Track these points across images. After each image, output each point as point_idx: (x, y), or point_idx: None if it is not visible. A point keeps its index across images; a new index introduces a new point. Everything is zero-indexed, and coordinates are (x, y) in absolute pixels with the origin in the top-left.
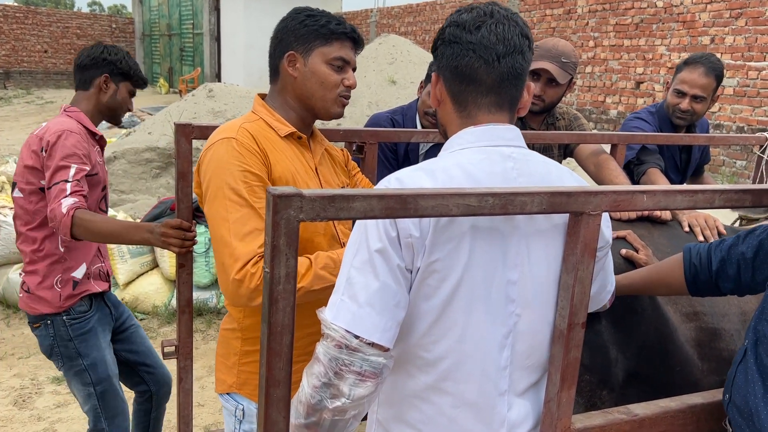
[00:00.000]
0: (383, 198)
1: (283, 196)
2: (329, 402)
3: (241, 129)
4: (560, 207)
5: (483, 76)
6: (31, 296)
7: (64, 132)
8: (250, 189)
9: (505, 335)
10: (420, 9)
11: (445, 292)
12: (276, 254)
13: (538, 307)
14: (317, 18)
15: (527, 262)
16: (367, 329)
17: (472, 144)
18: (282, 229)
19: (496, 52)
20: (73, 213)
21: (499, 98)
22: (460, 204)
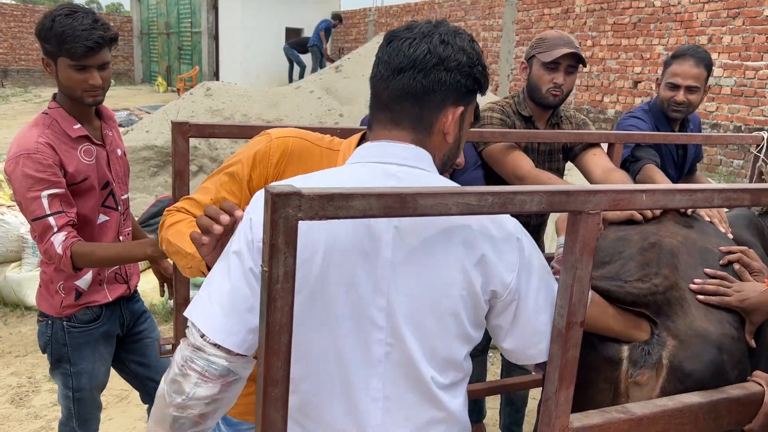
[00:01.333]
0: (382, 197)
1: (282, 194)
2: (171, 397)
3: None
4: (559, 206)
5: (381, 90)
6: (41, 294)
7: (21, 158)
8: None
9: (372, 363)
10: (418, 8)
11: (298, 306)
12: (274, 253)
13: (419, 340)
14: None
15: (403, 292)
16: (212, 329)
17: (362, 159)
18: (280, 228)
19: (392, 66)
20: (69, 252)
21: (394, 115)
22: (459, 203)
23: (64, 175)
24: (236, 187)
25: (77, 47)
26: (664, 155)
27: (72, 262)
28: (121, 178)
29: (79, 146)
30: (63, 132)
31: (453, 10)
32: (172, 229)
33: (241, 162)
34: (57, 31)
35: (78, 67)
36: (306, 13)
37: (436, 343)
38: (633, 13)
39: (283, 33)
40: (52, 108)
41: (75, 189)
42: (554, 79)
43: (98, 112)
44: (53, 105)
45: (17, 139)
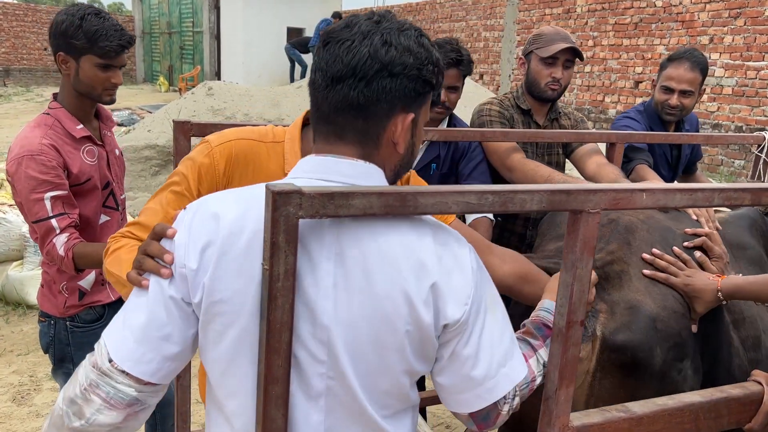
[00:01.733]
0: (382, 195)
1: (283, 192)
2: (68, 420)
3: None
4: (559, 205)
5: (320, 101)
6: (43, 292)
7: (24, 159)
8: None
9: (312, 397)
10: (419, 8)
11: (230, 340)
12: (275, 251)
13: (360, 374)
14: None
15: (343, 325)
16: (122, 355)
17: (305, 173)
18: (281, 226)
19: (330, 74)
20: (71, 254)
21: (336, 128)
22: (459, 201)
23: (68, 177)
24: (185, 203)
25: (110, 45)
26: (658, 156)
27: (74, 264)
28: (120, 178)
29: (82, 147)
30: (66, 132)
31: (454, 10)
32: (112, 257)
33: (186, 178)
34: (88, 29)
35: (104, 66)
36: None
37: (378, 377)
38: (634, 13)
39: (285, 32)
40: (53, 108)
41: (78, 190)
42: (552, 74)
43: (96, 112)
44: (55, 105)
45: (20, 139)
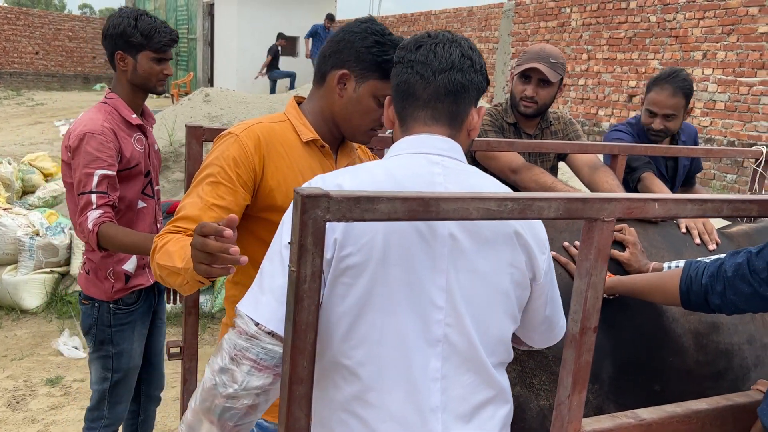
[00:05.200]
0: (407, 200)
1: (311, 196)
2: (222, 388)
3: (249, 129)
4: (576, 213)
5: (419, 90)
6: (89, 279)
7: (86, 135)
8: (215, 185)
9: (431, 343)
10: (414, 19)
11: (360, 290)
12: (303, 253)
13: (475, 319)
14: (385, 49)
15: (460, 270)
16: (266, 317)
17: (403, 151)
18: (309, 229)
19: (432, 68)
20: (97, 229)
21: (434, 112)
22: (480, 208)
23: (120, 161)
24: (223, 190)
25: (164, 40)
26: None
27: (97, 240)
28: (157, 171)
29: (134, 134)
30: (122, 120)
31: (449, 21)
32: (160, 252)
33: (221, 167)
34: (144, 28)
35: (158, 59)
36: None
37: (490, 322)
38: (628, 28)
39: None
40: (110, 98)
41: (127, 174)
42: (525, 91)
43: (142, 110)
44: (112, 96)
45: (83, 120)
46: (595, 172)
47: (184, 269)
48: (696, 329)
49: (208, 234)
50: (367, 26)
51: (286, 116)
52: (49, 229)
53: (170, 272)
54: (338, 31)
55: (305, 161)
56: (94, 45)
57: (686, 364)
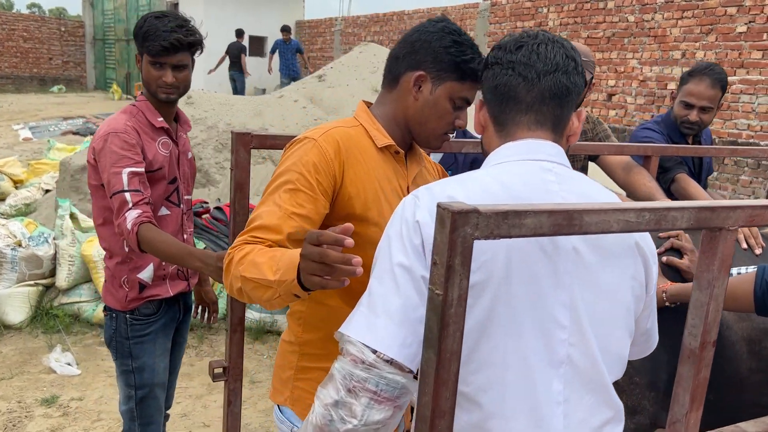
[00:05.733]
0: (552, 214)
1: (462, 212)
2: (340, 424)
3: (327, 134)
4: (705, 222)
5: (522, 93)
6: (107, 288)
7: (109, 135)
8: (293, 192)
9: (554, 365)
10: (387, 18)
11: (481, 310)
12: (451, 275)
13: (599, 337)
14: (463, 49)
15: (583, 285)
16: (385, 343)
17: (509, 158)
18: (458, 248)
19: (536, 69)
20: (137, 230)
21: (539, 116)
22: (620, 220)
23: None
24: (303, 198)
25: (154, 44)
26: None
27: (137, 241)
28: (188, 179)
29: (158, 138)
30: (147, 122)
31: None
32: (245, 264)
33: (300, 173)
34: (145, 29)
35: (155, 64)
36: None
37: (611, 339)
38: (607, 28)
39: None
40: (140, 101)
41: (149, 177)
42: None
43: (176, 116)
44: (141, 98)
45: (107, 122)
46: (630, 174)
47: (278, 282)
48: (749, 336)
49: (327, 243)
50: (444, 25)
51: (357, 121)
52: (31, 239)
53: (258, 285)
54: (411, 32)
55: (381, 168)
56: (50, 46)
57: (740, 372)
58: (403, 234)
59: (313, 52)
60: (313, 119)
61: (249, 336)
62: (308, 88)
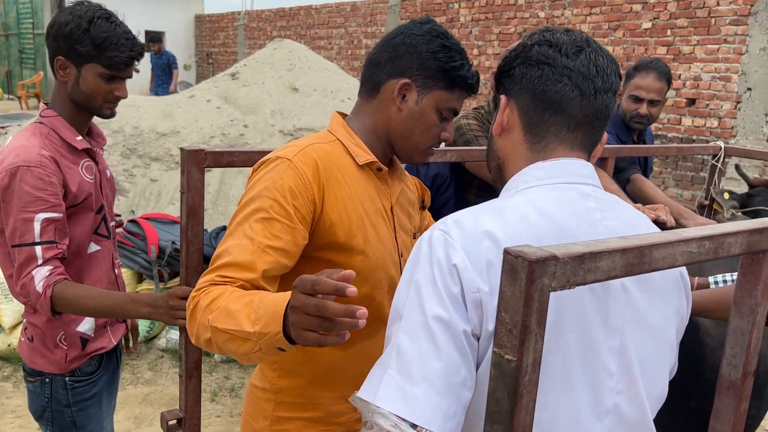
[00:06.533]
0: (625, 253)
1: (541, 261)
2: None
3: (303, 152)
4: (755, 245)
5: (575, 108)
6: (34, 347)
7: (19, 169)
8: (267, 222)
9: (600, 416)
10: (293, 13)
11: None
12: (526, 337)
13: (646, 380)
14: (452, 55)
15: (632, 326)
16: (426, 416)
17: (542, 181)
18: (535, 304)
19: (595, 85)
20: (50, 292)
21: (585, 137)
22: (684, 252)
23: (65, 196)
24: (279, 228)
25: (120, 57)
26: None
27: (51, 305)
28: (111, 202)
29: (81, 161)
30: (64, 144)
31: (331, 17)
32: (212, 311)
33: (275, 199)
34: (97, 35)
35: (109, 77)
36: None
37: (656, 380)
38: (518, 24)
39: (143, 37)
40: (47, 116)
41: (75, 211)
42: None
43: (89, 130)
44: (49, 113)
45: (12, 149)
46: None
47: (258, 334)
48: None
49: (324, 293)
50: (431, 27)
51: (334, 135)
52: None
53: (233, 337)
54: (394, 34)
55: (363, 188)
56: None
57: None
58: (438, 281)
59: (215, 47)
60: (229, 120)
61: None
62: (221, 87)
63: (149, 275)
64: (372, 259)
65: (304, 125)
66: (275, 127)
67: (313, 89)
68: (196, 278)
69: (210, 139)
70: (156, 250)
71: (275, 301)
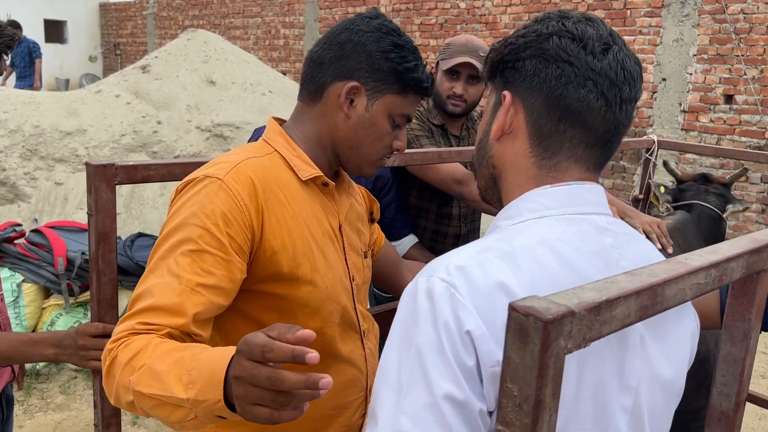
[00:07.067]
0: (639, 295)
1: (557, 320)
2: None
3: (236, 170)
4: (753, 267)
5: (597, 121)
6: None
7: None
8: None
9: None
10: (207, 2)
11: None
12: (540, 413)
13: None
14: (405, 55)
15: (646, 383)
16: None
17: (551, 211)
18: (550, 372)
19: (622, 93)
20: None
21: (602, 156)
22: (693, 285)
23: None
24: (211, 262)
25: None
26: None
27: None
28: None
29: None
30: None
31: (247, 5)
32: (134, 370)
33: (205, 228)
34: None
35: None
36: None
37: (663, 429)
38: (439, 14)
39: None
40: None
41: None
42: (453, 88)
43: None
44: None
45: None
46: None
47: (193, 401)
48: None
49: (279, 361)
50: (380, 23)
51: (271, 146)
52: None
53: (161, 404)
54: (338, 30)
55: (308, 207)
56: None
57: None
58: (447, 350)
59: (122, 38)
60: (141, 116)
61: None
62: (130, 81)
63: (57, 290)
64: (321, 288)
65: (224, 120)
66: (192, 123)
67: (232, 82)
68: (110, 312)
69: (120, 137)
70: (64, 261)
71: (211, 360)
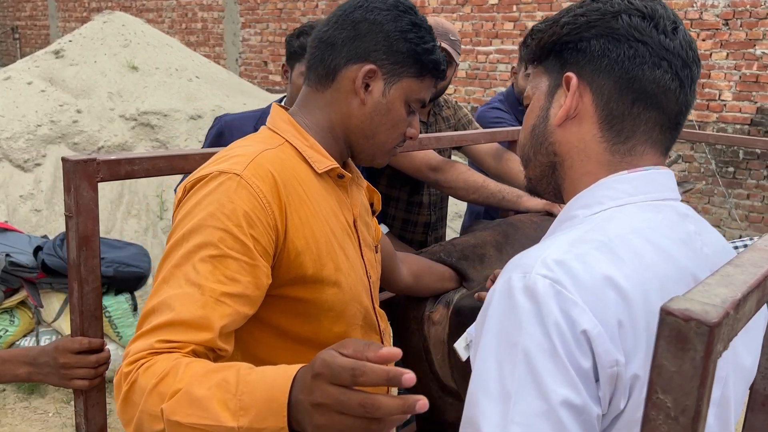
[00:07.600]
0: (758, 289)
1: (719, 324)
2: None
3: (255, 163)
4: None
5: (672, 102)
6: None
7: None
8: (218, 261)
9: None
10: None
11: None
12: (699, 425)
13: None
14: (423, 35)
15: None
16: None
17: (633, 197)
18: (708, 382)
19: (692, 74)
20: None
21: (672, 138)
22: None
23: None
24: (235, 268)
25: None
26: None
27: None
28: None
29: None
30: None
31: None
32: (164, 395)
33: (226, 230)
34: None
35: None
36: None
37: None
38: None
39: None
40: None
41: None
42: None
43: None
44: None
45: None
46: (502, 161)
47: (246, 430)
48: None
49: (372, 384)
50: (396, 1)
51: (281, 136)
52: None
53: None
54: (350, 7)
55: (325, 202)
56: None
57: None
58: (561, 352)
59: (21, 21)
60: (58, 105)
61: None
62: (43, 67)
63: None
64: (345, 289)
65: (150, 108)
66: (115, 112)
67: (155, 67)
68: (94, 325)
69: (36, 128)
70: None
71: (266, 382)
